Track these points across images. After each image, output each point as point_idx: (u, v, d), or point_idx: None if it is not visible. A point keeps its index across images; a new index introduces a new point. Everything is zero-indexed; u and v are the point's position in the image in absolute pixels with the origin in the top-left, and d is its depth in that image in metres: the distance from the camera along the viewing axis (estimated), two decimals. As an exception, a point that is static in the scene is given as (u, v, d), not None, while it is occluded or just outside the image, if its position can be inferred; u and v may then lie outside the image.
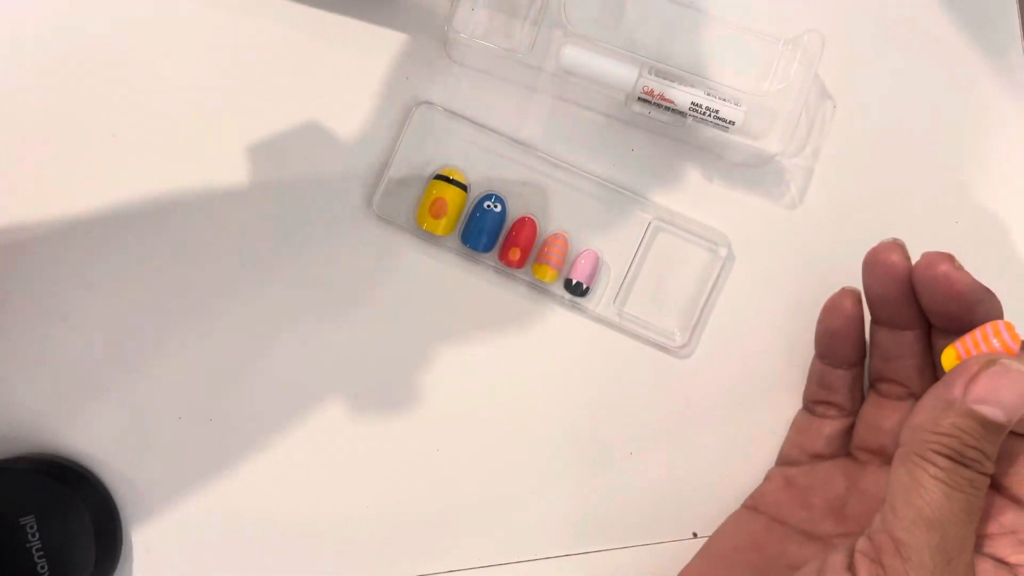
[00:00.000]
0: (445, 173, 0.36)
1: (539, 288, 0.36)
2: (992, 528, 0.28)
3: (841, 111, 0.37)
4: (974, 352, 0.27)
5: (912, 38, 0.37)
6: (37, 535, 0.33)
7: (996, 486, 0.29)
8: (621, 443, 0.37)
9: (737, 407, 0.37)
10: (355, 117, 0.36)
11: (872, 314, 0.33)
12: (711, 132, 0.34)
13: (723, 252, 0.36)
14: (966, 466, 0.25)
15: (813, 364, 0.35)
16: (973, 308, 0.29)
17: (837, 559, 0.27)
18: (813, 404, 0.35)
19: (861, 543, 0.26)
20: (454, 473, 0.36)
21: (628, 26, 0.36)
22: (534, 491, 0.36)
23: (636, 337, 0.37)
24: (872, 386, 0.34)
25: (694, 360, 0.37)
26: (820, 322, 0.34)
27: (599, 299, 0.36)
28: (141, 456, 0.36)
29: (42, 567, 0.33)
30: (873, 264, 0.31)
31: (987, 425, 0.25)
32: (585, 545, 0.36)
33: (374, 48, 0.36)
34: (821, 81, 0.37)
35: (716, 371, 0.37)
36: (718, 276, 0.36)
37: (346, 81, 0.36)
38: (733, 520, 0.35)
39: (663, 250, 0.37)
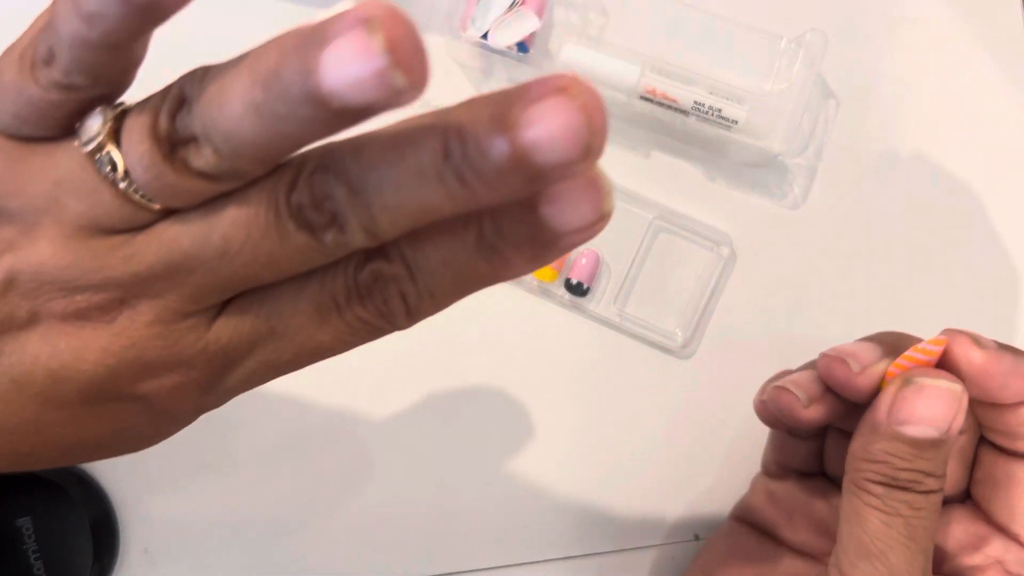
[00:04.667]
0: (445, 172, 0.35)
1: (539, 288, 0.36)
2: (978, 559, 0.27)
3: (844, 110, 0.37)
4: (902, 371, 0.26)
5: (915, 37, 0.37)
6: (33, 537, 0.33)
7: (983, 514, 0.28)
8: (622, 444, 0.36)
9: (738, 408, 0.37)
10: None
11: None
12: (713, 131, 0.34)
13: (725, 252, 0.36)
14: (903, 489, 0.24)
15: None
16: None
17: None
18: None
19: None
20: (453, 474, 0.36)
21: (630, 24, 0.35)
22: (534, 492, 0.36)
23: (637, 337, 0.36)
24: None
25: (695, 360, 0.37)
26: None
27: (599, 299, 0.36)
28: (138, 456, 0.35)
29: (38, 569, 0.33)
30: (780, 414, 0.29)
31: (919, 444, 0.24)
32: (585, 547, 0.36)
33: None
34: (824, 80, 0.37)
35: (717, 372, 0.37)
36: (719, 276, 0.36)
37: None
38: (725, 532, 0.34)
39: (664, 250, 0.36)
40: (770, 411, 0.29)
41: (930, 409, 0.24)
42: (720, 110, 0.33)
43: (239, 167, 0.17)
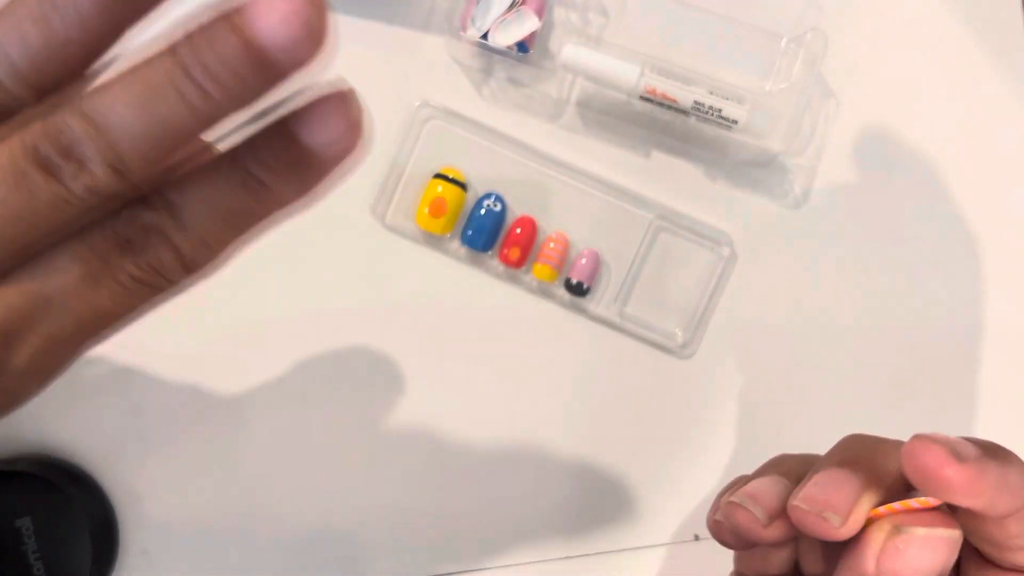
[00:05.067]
0: (444, 171, 0.35)
1: (539, 288, 0.36)
2: None
3: (844, 110, 0.37)
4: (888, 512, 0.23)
5: (915, 37, 0.37)
6: (33, 537, 0.33)
7: None
8: (622, 444, 0.36)
9: (739, 408, 0.37)
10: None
11: None
12: (714, 131, 0.34)
13: (725, 252, 0.36)
14: None
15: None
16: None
17: None
18: None
19: None
20: (453, 475, 0.36)
21: (630, 24, 0.35)
22: (533, 493, 0.36)
23: (637, 337, 0.36)
24: None
25: (696, 361, 0.37)
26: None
27: (600, 299, 0.36)
28: (138, 458, 0.35)
29: (38, 569, 0.33)
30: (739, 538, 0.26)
31: None
32: (586, 547, 0.36)
33: (374, 46, 0.36)
34: (824, 80, 0.37)
35: (718, 372, 0.37)
36: (720, 276, 0.36)
37: (346, 79, 0.36)
38: None
39: (665, 250, 0.36)
40: (726, 532, 0.26)
41: (924, 559, 0.22)
42: (720, 110, 0.33)
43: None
